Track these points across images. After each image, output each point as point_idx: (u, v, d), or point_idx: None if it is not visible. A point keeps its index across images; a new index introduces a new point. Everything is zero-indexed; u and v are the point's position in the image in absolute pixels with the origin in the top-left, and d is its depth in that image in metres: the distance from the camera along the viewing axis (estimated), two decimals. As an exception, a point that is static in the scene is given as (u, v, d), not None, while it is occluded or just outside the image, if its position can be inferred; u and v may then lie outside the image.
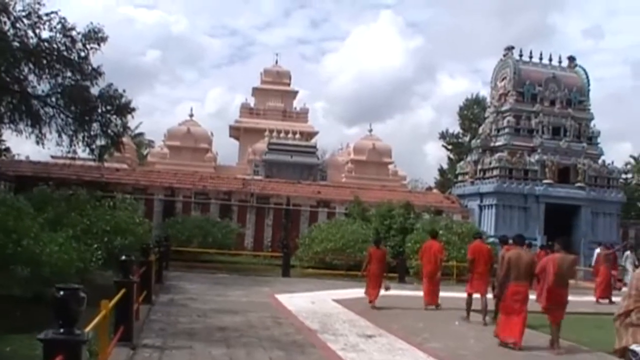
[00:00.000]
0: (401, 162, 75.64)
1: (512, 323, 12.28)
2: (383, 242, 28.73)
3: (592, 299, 23.38)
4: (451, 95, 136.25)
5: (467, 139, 58.91)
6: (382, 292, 17.98)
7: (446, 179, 57.39)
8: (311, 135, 63.25)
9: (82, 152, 25.31)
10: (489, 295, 15.48)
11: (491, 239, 25.84)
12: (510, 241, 15.07)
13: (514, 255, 12.69)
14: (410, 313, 16.74)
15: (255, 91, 67.17)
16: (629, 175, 55.89)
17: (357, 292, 20.81)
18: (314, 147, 53.37)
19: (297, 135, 54.11)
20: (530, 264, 12.65)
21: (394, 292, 21.75)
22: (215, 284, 21.01)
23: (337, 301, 17.89)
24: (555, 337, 12.29)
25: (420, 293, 20.18)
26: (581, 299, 23.59)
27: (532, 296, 12.99)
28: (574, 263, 13.16)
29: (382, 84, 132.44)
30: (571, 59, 42.47)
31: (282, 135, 52.90)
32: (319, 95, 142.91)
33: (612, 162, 41.31)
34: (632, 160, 68.12)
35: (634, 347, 5.27)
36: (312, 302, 17.31)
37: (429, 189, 59.39)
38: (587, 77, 41.49)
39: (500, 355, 11.35)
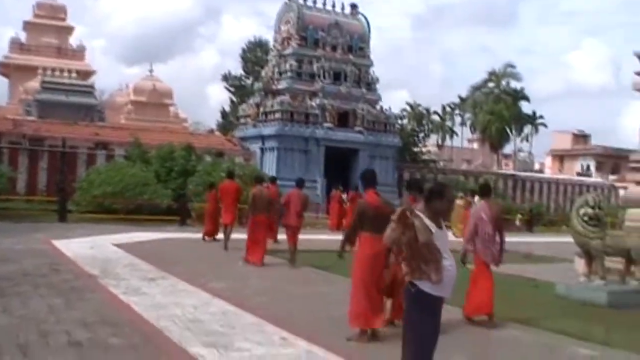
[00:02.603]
0: (183, 104, 74.87)
1: (256, 247, 15.11)
2: (164, 185, 28.58)
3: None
4: (236, 38, 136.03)
5: (250, 81, 59.18)
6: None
7: (228, 122, 57.45)
8: (88, 74, 60.81)
9: None
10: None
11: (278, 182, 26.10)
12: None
13: (257, 192, 15.42)
14: (194, 255, 16.74)
15: (27, 25, 63.22)
16: (405, 121, 58.89)
17: (138, 235, 20.53)
18: (92, 86, 51.37)
19: (73, 74, 51.71)
20: (269, 199, 15.54)
21: (176, 234, 21.71)
22: (-16, 231, 19.74)
23: (118, 245, 17.47)
24: (293, 256, 15.29)
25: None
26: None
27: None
28: (307, 199, 16.67)
29: (165, 24, 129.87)
30: (353, 6, 43.76)
31: (56, 73, 50.30)
32: (98, 32, 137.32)
33: (390, 108, 43.45)
34: (408, 107, 72.10)
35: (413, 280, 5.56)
36: (91, 248, 16.78)
37: (211, 131, 59.21)
38: (368, 25, 43.01)
39: (278, 291, 11.63)
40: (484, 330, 9.14)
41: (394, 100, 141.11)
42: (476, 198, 32.34)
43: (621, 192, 47.62)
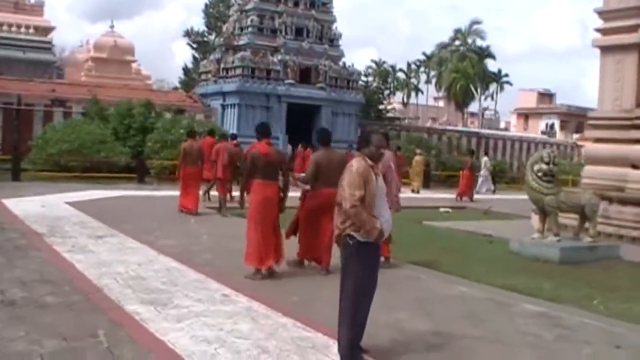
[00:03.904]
0: (149, 61, 73.60)
1: (189, 195, 16.53)
2: (123, 142, 28.12)
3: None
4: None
5: (212, 37, 58.24)
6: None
7: (191, 79, 56.57)
8: (47, 30, 59.36)
9: None
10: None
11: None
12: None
13: (188, 146, 16.69)
14: (148, 213, 16.44)
15: (-18, -20, 61.46)
16: (370, 79, 58.40)
17: (93, 193, 20.17)
18: (50, 43, 50.22)
19: (31, 30, 50.45)
20: (198, 152, 16.73)
21: (133, 192, 21.37)
22: None
23: (70, 204, 17.10)
24: (224, 205, 16.81)
25: (159, 193, 20.03)
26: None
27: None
28: (234, 152, 18.11)
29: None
30: (317, -39, 42.95)
31: (13, 29, 49.02)
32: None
33: (352, 65, 42.96)
34: (373, 65, 71.61)
35: (351, 232, 5.54)
36: (42, 206, 16.39)
37: (175, 89, 58.35)
38: (332, -20, 42.27)
39: (226, 248, 11.36)
40: (430, 286, 9.04)
41: (362, 58, 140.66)
42: (485, 158, 33.05)
43: (583, 150, 48.08)
